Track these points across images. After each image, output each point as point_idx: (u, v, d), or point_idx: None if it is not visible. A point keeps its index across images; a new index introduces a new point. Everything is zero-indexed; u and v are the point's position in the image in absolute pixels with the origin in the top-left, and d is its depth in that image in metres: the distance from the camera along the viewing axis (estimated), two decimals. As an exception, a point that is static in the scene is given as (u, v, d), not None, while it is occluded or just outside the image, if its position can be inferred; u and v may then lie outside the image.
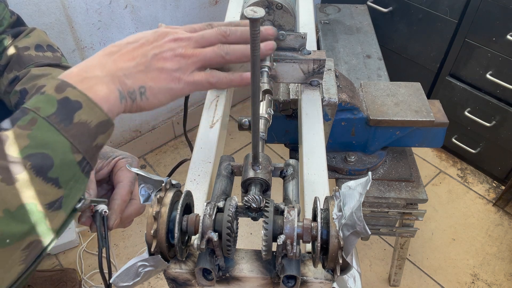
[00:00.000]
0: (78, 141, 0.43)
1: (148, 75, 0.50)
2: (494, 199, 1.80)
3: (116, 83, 0.47)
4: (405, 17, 1.79)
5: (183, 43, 0.52)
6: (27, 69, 0.72)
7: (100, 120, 0.45)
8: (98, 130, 0.45)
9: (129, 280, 0.48)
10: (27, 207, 0.40)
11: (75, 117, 0.43)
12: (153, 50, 0.51)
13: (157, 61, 0.50)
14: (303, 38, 0.76)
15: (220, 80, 0.55)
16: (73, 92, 0.44)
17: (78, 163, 0.44)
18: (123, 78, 0.48)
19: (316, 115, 0.75)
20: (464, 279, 1.54)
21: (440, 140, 1.14)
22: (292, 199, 0.55)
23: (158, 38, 0.52)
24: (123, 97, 0.48)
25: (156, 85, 0.50)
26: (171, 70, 0.51)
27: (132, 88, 0.48)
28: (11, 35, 0.76)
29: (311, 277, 0.50)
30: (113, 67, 0.48)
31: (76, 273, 1.47)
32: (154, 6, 1.55)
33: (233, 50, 0.54)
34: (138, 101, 0.50)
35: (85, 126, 0.44)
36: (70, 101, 0.43)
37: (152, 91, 0.50)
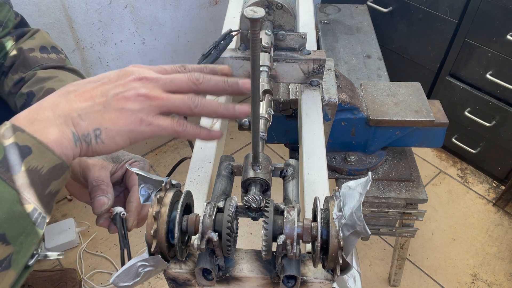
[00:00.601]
0: (28, 190, 0.40)
1: (106, 116, 0.44)
2: (494, 199, 1.80)
3: (69, 125, 0.43)
4: (405, 17, 1.79)
5: (149, 84, 0.47)
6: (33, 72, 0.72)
7: (53, 165, 0.41)
8: (50, 176, 0.41)
9: (129, 280, 0.48)
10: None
11: (24, 164, 0.39)
12: (114, 89, 0.46)
13: (117, 101, 0.45)
14: (303, 38, 0.76)
15: (186, 130, 0.49)
16: (22, 136, 0.40)
17: (29, 215, 0.40)
18: (77, 120, 0.44)
19: (316, 115, 0.75)
20: (464, 279, 1.54)
21: (440, 140, 1.14)
22: (292, 199, 0.55)
23: (122, 77, 0.47)
24: (77, 140, 0.44)
25: (114, 127, 0.45)
26: (132, 110, 0.45)
27: (86, 130, 0.44)
28: (15, 36, 0.76)
29: (311, 277, 0.50)
30: (67, 108, 0.44)
31: (76, 273, 1.47)
32: (154, 6, 1.55)
33: (203, 105, 0.48)
34: (93, 145, 0.45)
35: (35, 173, 0.40)
36: (18, 146, 0.40)
37: (109, 134, 0.45)
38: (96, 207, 0.56)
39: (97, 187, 0.57)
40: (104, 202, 0.56)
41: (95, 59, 1.52)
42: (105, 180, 0.58)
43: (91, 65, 1.52)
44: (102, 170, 0.59)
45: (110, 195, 0.57)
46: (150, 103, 0.46)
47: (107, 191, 0.57)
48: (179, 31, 1.70)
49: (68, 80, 0.71)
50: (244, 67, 0.78)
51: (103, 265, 1.55)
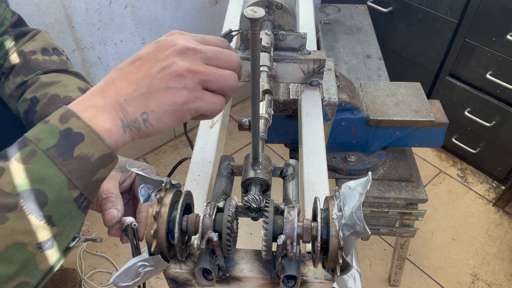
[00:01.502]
0: (77, 176, 0.41)
1: (151, 98, 0.44)
2: (494, 199, 1.80)
3: (118, 111, 0.44)
4: (405, 17, 1.79)
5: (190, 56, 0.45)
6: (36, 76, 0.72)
7: (102, 154, 0.42)
8: (99, 164, 0.43)
9: (129, 280, 0.48)
10: (16, 247, 0.38)
11: (75, 151, 0.41)
12: (155, 66, 0.45)
13: (159, 80, 0.44)
14: (303, 38, 0.76)
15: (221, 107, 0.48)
16: (77, 123, 0.42)
17: (75, 200, 0.41)
18: (124, 105, 0.44)
19: (316, 115, 0.75)
20: (464, 279, 1.54)
21: (440, 140, 1.14)
22: (292, 199, 0.55)
23: (162, 50, 0.46)
24: (126, 126, 0.44)
25: (160, 109, 0.45)
26: (177, 88, 0.44)
27: (134, 115, 0.44)
28: (13, 35, 0.76)
29: (311, 277, 0.50)
30: (114, 94, 0.44)
31: (76, 273, 1.47)
32: (154, 6, 1.55)
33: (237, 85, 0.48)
34: (143, 129, 0.45)
35: (85, 160, 0.41)
36: (72, 132, 0.41)
37: (156, 116, 0.45)
38: (107, 219, 0.57)
39: (106, 199, 0.57)
40: (115, 214, 0.56)
41: (95, 59, 1.52)
42: (114, 192, 0.58)
43: (91, 65, 1.52)
44: (111, 181, 0.59)
45: (120, 206, 0.58)
46: (193, 78, 0.45)
47: (117, 203, 0.57)
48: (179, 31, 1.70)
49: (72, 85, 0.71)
50: (244, 67, 0.78)
51: (103, 265, 1.55)
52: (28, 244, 0.39)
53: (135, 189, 0.65)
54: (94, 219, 1.66)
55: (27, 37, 0.78)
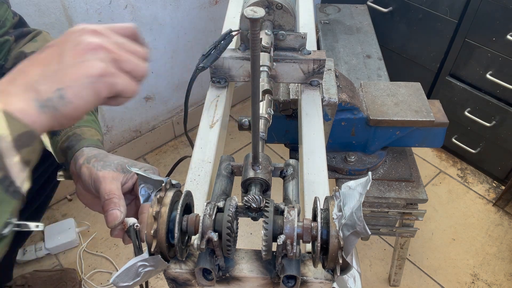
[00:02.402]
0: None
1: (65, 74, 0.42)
2: (494, 199, 1.80)
3: (30, 92, 0.41)
4: (405, 17, 1.79)
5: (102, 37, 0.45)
6: None
7: (19, 133, 0.40)
8: (19, 143, 0.40)
9: (129, 280, 0.48)
10: None
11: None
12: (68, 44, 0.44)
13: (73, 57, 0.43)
14: (303, 38, 0.76)
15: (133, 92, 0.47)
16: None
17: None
18: (36, 86, 0.41)
19: (316, 115, 0.75)
20: (464, 279, 1.54)
21: (440, 140, 1.14)
22: (292, 199, 0.55)
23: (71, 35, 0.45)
24: (41, 106, 0.41)
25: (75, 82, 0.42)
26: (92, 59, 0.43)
27: (47, 94, 0.42)
28: (14, 36, 0.76)
29: (311, 277, 0.50)
30: (24, 78, 0.42)
31: (76, 273, 1.47)
32: (154, 6, 1.55)
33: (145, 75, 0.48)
34: (61, 108, 0.42)
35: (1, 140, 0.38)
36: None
37: (73, 91, 0.42)
38: (109, 220, 0.57)
39: (109, 200, 0.57)
40: (117, 215, 0.57)
41: (95, 59, 1.52)
42: (116, 193, 0.58)
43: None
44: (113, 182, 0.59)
45: (122, 208, 0.58)
46: (106, 53, 0.44)
47: (120, 204, 0.58)
48: (179, 31, 1.70)
49: None
50: (244, 67, 0.78)
51: (103, 265, 1.55)
52: None
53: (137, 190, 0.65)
54: (94, 219, 1.66)
55: (28, 37, 0.78)
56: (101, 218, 1.65)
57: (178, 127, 2.02)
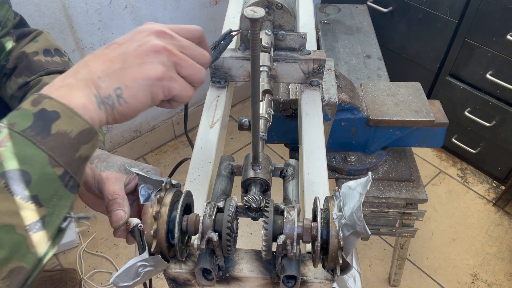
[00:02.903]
0: (58, 153, 0.40)
1: (125, 73, 0.44)
2: (494, 199, 1.80)
3: (91, 88, 0.43)
4: (405, 17, 1.79)
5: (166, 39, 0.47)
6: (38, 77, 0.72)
7: (82, 129, 0.41)
8: (80, 140, 0.41)
9: (129, 280, 0.48)
10: (5, 230, 0.37)
11: (52, 128, 0.40)
12: (131, 45, 0.45)
13: (135, 57, 0.45)
14: (303, 38, 0.76)
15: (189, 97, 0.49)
16: (50, 103, 0.41)
17: (60, 178, 0.40)
18: (97, 82, 0.43)
19: (316, 115, 0.75)
20: (464, 279, 1.54)
21: (440, 140, 1.14)
22: (292, 199, 0.55)
23: (137, 33, 0.47)
24: (100, 103, 0.44)
25: (134, 83, 0.44)
26: (152, 62, 0.45)
27: (107, 91, 0.44)
28: (15, 36, 0.76)
29: (311, 277, 0.50)
30: (87, 72, 0.44)
31: (76, 273, 1.47)
32: (154, 6, 1.55)
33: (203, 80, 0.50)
34: (117, 107, 0.44)
35: (65, 136, 0.40)
36: (46, 112, 0.40)
37: (130, 91, 0.44)
38: (113, 221, 0.57)
39: (113, 201, 0.57)
40: (121, 216, 0.57)
41: (95, 59, 1.52)
42: (120, 194, 0.58)
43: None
44: (116, 183, 0.59)
45: (126, 208, 0.58)
46: (168, 57, 0.46)
47: (123, 205, 0.58)
48: (179, 31, 1.70)
49: None
50: (244, 67, 0.78)
51: (103, 265, 1.55)
52: (17, 226, 0.37)
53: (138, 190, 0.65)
54: (94, 219, 1.66)
55: (29, 37, 0.78)
56: (101, 218, 1.65)
57: (178, 127, 2.02)
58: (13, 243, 0.37)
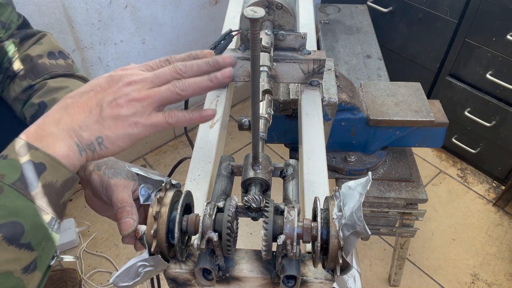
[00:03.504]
0: (46, 203, 0.44)
1: (104, 125, 0.49)
2: (494, 199, 1.80)
3: (73, 137, 0.47)
4: (405, 17, 1.79)
5: (138, 86, 0.50)
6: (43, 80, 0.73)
7: (66, 178, 0.46)
8: (64, 188, 0.46)
9: (129, 280, 0.48)
10: (5, 276, 0.41)
11: (40, 180, 0.44)
12: (107, 97, 0.49)
13: (111, 109, 0.49)
14: (303, 38, 0.76)
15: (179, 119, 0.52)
16: (36, 154, 0.44)
17: (48, 224, 0.45)
18: (79, 131, 0.48)
19: (316, 115, 0.75)
20: (464, 279, 1.54)
21: (440, 140, 1.14)
22: (292, 199, 0.55)
23: (112, 83, 0.51)
24: (82, 150, 0.48)
25: (113, 133, 0.49)
26: (127, 115, 0.49)
27: (89, 140, 0.48)
28: (19, 38, 0.76)
29: (311, 277, 0.50)
30: (68, 121, 0.48)
31: (76, 273, 1.47)
32: (154, 6, 1.55)
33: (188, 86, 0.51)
34: (98, 151, 0.49)
35: (51, 187, 0.45)
36: (33, 164, 0.44)
37: (110, 140, 0.49)
38: (123, 229, 0.58)
39: (122, 208, 0.58)
40: (131, 224, 0.58)
41: (95, 59, 1.52)
42: (129, 201, 0.59)
43: (91, 65, 1.52)
44: (125, 190, 0.60)
45: (135, 216, 0.59)
46: (141, 104, 0.50)
47: (132, 212, 0.59)
48: (179, 31, 1.70)
49: None
50: (244, 67, 0.78)
51: (103, 265, 1.55)
52: (14, 271, 0.42)
53: None
54: (94, 219, 1.66)
55: (32, 40, 0.78)
56: (101, 218, 1.65)
57: (178, 127, 2.02)
58: (12, 286, 0.42)
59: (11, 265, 0.42)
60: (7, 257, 0.41)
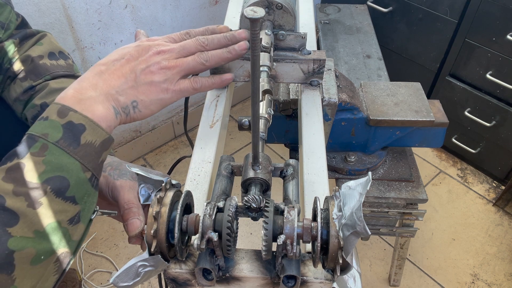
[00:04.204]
0: (87, 160, 0.48)
1: (139, 90, 0.54)
2: (494, 199, 1.80)
3: (110, 101, 0.51)
4: (405, 17, 1.79)
5: (166, 55, 0.56)
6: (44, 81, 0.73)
7: (103, 139, 0.49)
8: (102, 148, 0.49)
9: (129, 280, 0.48)
10: (53, 225, 0.45)
11: (81, 139, 0.47)
12: (139, 65, 0.54)
13: (145, 76, 0.54)
14: (303, 38, 0.76)
15: (203, 84, 0.60)
16: (75, 116, 0.48)
17: (89, 180, 0.48)
18: (116, 96, 0.52)
19: (316, 115, 0.75)
20: (464, 279, 1.54)
21: (440, 140, 1.14)
22: (292, 199, 0.55)
23: (142, 52, 0.55)
24: (117, 113, 0.52)
25: (147, 98, 0.54)
26: (159, 82, 0.55)
27: (125, 103, 0.53)
28: (18, 39, 0.76)
29: (311, 277, 0.50)
30: (105, 86, 0.52)
31: (76, 273, 1.47)
32: (154, 6, 1.55)
33: (211, 57, 0.59)
34: (131, 114, 0.54)
35: (91, 146, 0.48)
36: (74, 124, 0.47)
37: (144, 104, 0.54)
38: (130, 230, 0.58)
39: (129, 210, 0.59)
40: (138, 225, 0.59)
41: (95, 59, 1.52)
42: (135, 202, 0.60)
43: (91, 65, 1.52)
44: (130, 191, 0.61)
45: (141, 217, 0.60)
46: (171, 72, 0.56)
47: (139, 213, 0.59)
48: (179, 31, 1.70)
49: None
50: (244, 67, 0.78)
51: (103, 265, 1.55)
52: (62, 222, 0.46)
53: None
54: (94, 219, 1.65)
55: (32, 40, 0.78)
56: (101, 218, 1.65)
57: (178, 127, 2.02)
58: (60, 235, 0.46)
59: (59, 215, 0.45)
60: (55, 208, 0.45)
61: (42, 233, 0.44)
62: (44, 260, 0.44)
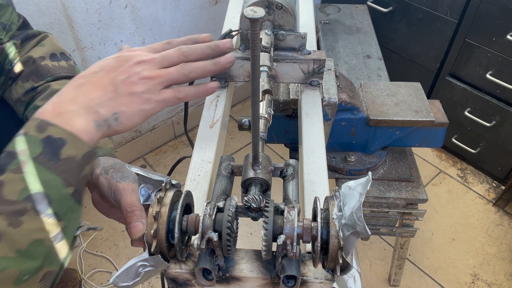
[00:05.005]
0: (69, 175, 0.46)
1: (120, 101, 0.52)
2: (494, 199, 1.80)
3: (90, 114, 0.49)
4: (405, 17, 1.79)
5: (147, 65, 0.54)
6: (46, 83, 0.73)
7: (85, 152, 0.48)
8: (84, 161, 0.48)
9: (129, 280, 0.49)
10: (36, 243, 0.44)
11: (61, 154, 0.46)
12: (119, 76, 0.52)
13: (125, 86, 0.52)
14: (303, 38, 0.76)
15: (187, 94, 0.57)
16: (55, 130, 0.46)
17: (72, 195, 0.47)
18: (96, 108, 0.50)
19: (316, 115, 0.75)
20: (464, 279, 1.54)
21: (440, 140, 1.14)
22: (292, 199, 0.55)
23: (122, 63, 0.53)
24: (99, 125, 0.50)
25: (128, 109, 0.52)
26: (140, 92, 0.52)
27: (106, 116, 0.51)
28: (19, 40, 0.76)
29: (311, 277, 0.50)
30: (85, 99, 0.50)
31: (76, 273, 1.47)
32: (154, 6, 1.55)
33: (196, 69, 0.56)
34: (114, 126, 0.52)
35: (72, 160, 0.46)
36: (53, 139, 0.46)
37: (126, 115, 0.52)
38: (133, 233, 0.58)
39: (131, 213, 0.59)
40: (140, 228, 0.58)
41: (95, 59, 1.52)
42: (137, 205, 0.60)
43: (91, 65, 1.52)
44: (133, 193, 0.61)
45: (144, 219, 0.59)
46: (153, 82, 0.53)
47: (141, 216, 0.59)
48: (179, 31, 1.70)
49: None
50: (244, 67, 0.78)
51: (103, 265, 1.55)
52: (45, 239, 0.44)
53: None
54: (94, 219, 1.66)
55: (34, 41, 0.78)
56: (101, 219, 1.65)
57: (178, 127, 2.02)
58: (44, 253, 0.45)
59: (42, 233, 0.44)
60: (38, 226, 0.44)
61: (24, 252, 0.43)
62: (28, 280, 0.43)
